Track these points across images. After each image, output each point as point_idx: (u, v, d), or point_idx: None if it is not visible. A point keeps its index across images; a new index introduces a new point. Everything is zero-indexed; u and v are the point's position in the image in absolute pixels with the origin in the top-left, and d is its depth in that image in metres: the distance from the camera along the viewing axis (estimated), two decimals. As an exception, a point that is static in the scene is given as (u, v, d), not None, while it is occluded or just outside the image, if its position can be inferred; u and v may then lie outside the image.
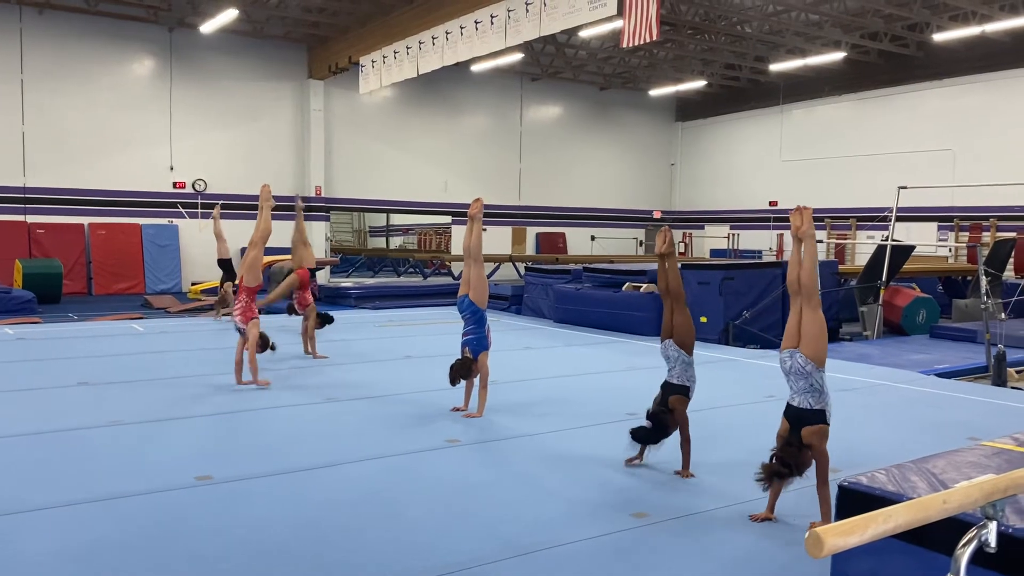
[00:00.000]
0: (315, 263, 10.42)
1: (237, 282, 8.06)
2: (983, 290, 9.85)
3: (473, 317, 6.58)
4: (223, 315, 13.16)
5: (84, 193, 19.57)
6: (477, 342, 6.51)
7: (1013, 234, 16.95)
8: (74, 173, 19.40)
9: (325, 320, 10.11)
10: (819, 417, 4.13)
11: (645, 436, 5.00)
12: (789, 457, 4.05)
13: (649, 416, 5.01)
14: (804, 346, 4.14)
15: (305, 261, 9.98)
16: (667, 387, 5.11)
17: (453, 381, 6.43)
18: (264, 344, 7.94)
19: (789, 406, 4.24)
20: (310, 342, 9.70)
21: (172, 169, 20.67)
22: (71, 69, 19.21)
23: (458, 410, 6.65)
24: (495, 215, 24.94)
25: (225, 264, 13.34)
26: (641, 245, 29.22)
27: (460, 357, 6.51)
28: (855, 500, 3.08)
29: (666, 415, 4.97)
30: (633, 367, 9.25)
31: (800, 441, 4.11)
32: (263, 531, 4.04)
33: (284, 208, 22.17)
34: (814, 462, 4.13)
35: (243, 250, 13.74)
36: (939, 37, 19.45)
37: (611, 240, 27.83)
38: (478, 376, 6.53)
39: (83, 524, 4.09)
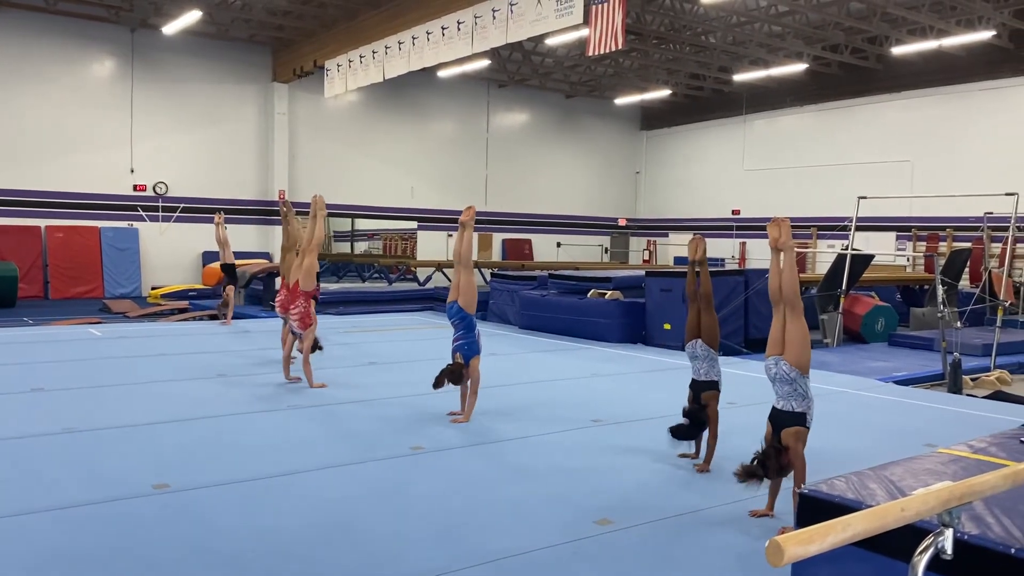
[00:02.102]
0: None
1: (291, 286, 8.16)
2: (940, 299, 10.04)
3: (462, 323, 6.58)
4: (223, 316, 13.36)
5: (41, 195, 19.15)
6: (469, 347, 6.51)
7: (968, 244, 17.31)
8: (31, 174, 18.97)
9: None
10: (798, 420, 4.26)
11: (685, 433, 5.25)
12: (768, 459, 4.19)
13: (686, 414, 5.24)
14: (788, 353, 4.28)
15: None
16: (697, 385, 5.34)
17: (437, 385, 6.39)
18: (314, 346, 8.14)
19: (773, 409, 4.37)
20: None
21: (133, 171, 20.31)
22: (29, 69, 18.80)
23: (454, 414, 6.65)
24: (461, 221, 24.85)
25: (228, 269, 13.35)
26: (606, 252, 29.35)
27: (451, 362, 6.50)
28: (815, 508, 3.11)
29: (702, 411, 5.20)
30: (597, 373, 9.28)
31: (781, 443, 4.24)
32: (220, 540, 3.97)
33: (250, 213, 21.95)
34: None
35: (205, 254, 13.65)
36: (898, 51, 19.87)
37: (577, 247, 27.92)
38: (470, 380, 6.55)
39: (34, 534, 3.98)
